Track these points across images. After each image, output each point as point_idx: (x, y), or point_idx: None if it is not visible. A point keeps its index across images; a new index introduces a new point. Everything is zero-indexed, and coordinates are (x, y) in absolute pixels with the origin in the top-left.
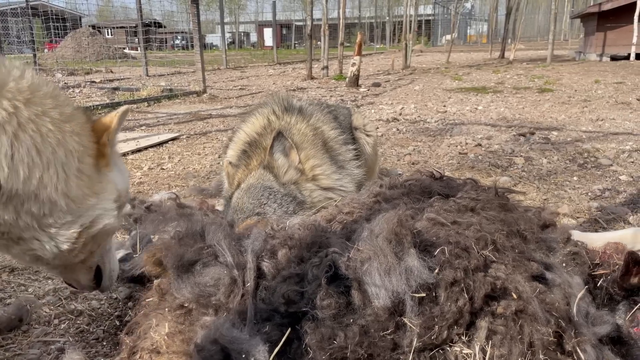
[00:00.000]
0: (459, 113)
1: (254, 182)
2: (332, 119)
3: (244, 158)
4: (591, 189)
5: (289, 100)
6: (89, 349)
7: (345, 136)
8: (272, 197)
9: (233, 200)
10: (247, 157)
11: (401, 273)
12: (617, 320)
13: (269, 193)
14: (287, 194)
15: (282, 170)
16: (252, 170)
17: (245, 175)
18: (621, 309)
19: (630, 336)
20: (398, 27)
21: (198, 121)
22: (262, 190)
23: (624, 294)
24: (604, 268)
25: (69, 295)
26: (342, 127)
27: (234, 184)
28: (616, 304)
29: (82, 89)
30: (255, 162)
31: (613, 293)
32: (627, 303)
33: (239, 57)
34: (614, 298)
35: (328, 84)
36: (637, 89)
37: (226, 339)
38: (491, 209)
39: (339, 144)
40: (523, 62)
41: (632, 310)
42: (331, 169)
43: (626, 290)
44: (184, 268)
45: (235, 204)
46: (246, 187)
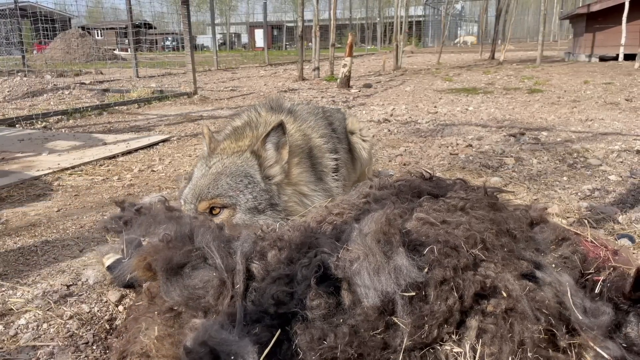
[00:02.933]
0: (449, 114)
1: (238, 162)
2: (325, 124)
3: (233, 135)
4: (581, 189)
5: (279, 102)
6: (78, 353)
7: (330, 145)
8: (250, 186)
9: (211, 166)
10: (239, 134)
11: (390, 272)
12: (630, 332)
13: (249, 182)
14: (265, 190)
15: (268, 162)
16: (240, 147)
17: (230, 149)
18: (632, 320)
19: None
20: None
21: (189, 123)
22: (243, 176)
23: (630, 304)
24: (602, 273)
25: (59, 299)
26: (336, 132)
27: (215, 150)
28: (624, 314)
29: (72, 90)
30: (246, 142)
31: (618, 302)
32: (636, 314)
33: (230, 58)
34: (620, 307)
35: (319, 85)
36: (625, 90)
37: (215, 340)
38: (480, 208)
39: (322, 152)
40: (513, 63)
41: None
42: (310, 178)
43: (632, 300)
44: (172, 271)
45: (212, 174)
46: (228, 162)
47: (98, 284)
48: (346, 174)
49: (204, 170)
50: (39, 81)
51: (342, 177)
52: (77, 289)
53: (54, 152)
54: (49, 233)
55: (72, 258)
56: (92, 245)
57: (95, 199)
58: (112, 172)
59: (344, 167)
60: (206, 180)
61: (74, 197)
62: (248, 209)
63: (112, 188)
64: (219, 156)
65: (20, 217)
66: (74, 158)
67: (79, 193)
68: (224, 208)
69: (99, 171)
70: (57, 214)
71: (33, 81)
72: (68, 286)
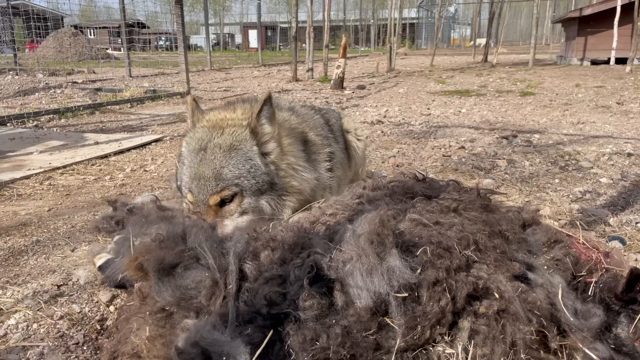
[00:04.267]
0: (442, 116)
1: (236, 143)
2: (322, 123)
3: (220, 108)
4: (572, 191)
5: (276, 100)
6: (69, 353)
7: (326, 142)
8: (252, 170)
9: (206, 149)
10: (230, 105)
11: (383, 273)
12: (620, 333)
13: (250, 166)
14: (265, 172)
15: (265, 138)
16: (232, 120)
17: (218, 120)
18: (623, 321)
19: (635, 349)
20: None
21: (182, 122)
22: (245, 160)
23: (621, 304)
24: (594, 275)
25: (49, 299)
26: (332, 131)
27: (200, 121)
28: (616, 314)
29: (64, 89)
30: (238, 114)
31: (610, 303)
32: (627, 314)
33: (224, 58)
34: (612, 308)
35: (313, 86)
36: (616, 93)
37: (207, 341)
38: (473, 209)
39: (318, 147)
40: (506, 66)
41: (634, 322)
42: (300, 153)
43: (624, 301)
44: (165, 271)
45: (214, 162)
46: (226, 145)
47: (89, 284)
48: (341, 174)
49: (201, 156)
50: (30, 80)
51: (337, 178)
52: (67, 289)
53: (46, 151)
54: (40, 232)
55: (63, 258)
56: (83, 245)
57: (87, 198)
58: (104, 171)
59: (340, 168)
60: (209, 169)
61: (65, 197)
62: (252, 193)
63: (104, 188)
64: (209, 133)
65: (11, 216)
66: (65, 157)
67: (71, 192)
68: (234, 196)
69: (90, 171)
70: (48, 213)
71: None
72: (59, 286)
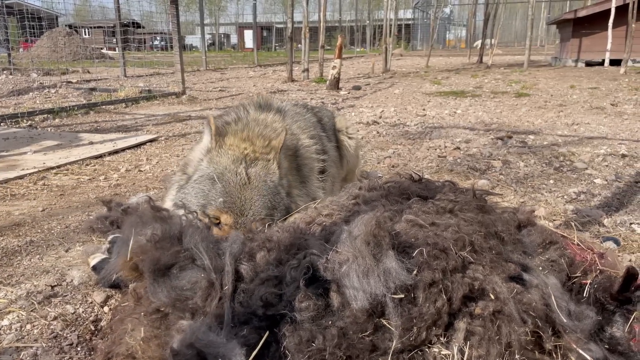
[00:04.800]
0: (438, 117)
1: (270, 176)
2: (314, 123)
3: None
4: (567, 192)
5: (267, 101)
6: (62, 354)
7: (318, 146)
8: (280, 203)
9: (250, 176)
10: (240, 130)
11: (379, 275)
12: (615, 333)
13: (280, 198)
14: (287, 206)
15: (284, 172)
16: (253, 152)
17: (240, 149)
18: (619, 320)
19: (631, 349)
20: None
21: (177, 123)
22: (277, 193)
23: (616, 304)
24: (589, 276)
25: (43, 299)
26: (325, 131)
27: (222, 145)
28: (611, 314)
29: (58, 89)
30: (258, 145)
31: (604, 302)
32: (622, 314)
33: (219, 58)
34: (607, 308)
35: (309, 86)
36: (611, 94)
37: (202, 342)
38: (469, 210)
39: (310, 154)
40: (501, 67)
41: (629, 322)
42: (295, 182)
43: (619, 300)
44: (160, 272)
45: (257, 189)
46: (263, 175)
47: (83, 285)
48: (335, 172)
49: (243, 181)
50: (24, 79)
51: (331, 177)
52: (61, 289)
53: (40, 151)
54: (34, 233)
55: (57, 258)
56: (77, 246)
57: (81, 198)
58: (98, 171)
59: (333, 167)
60: (256, 195)
61: (59, 197)
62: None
63: (99, 188)
64: (243, 158)
65: (5, 216)
66: (59, 157)
67: (65, 192)
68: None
69: (85, 171)
70: (42, 213)
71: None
72: (52, 287)
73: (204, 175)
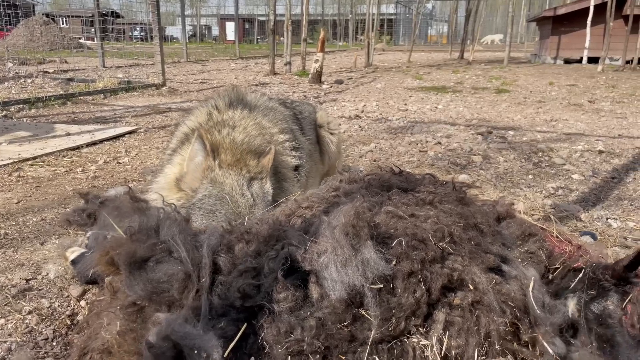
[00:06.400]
0: (419, 112)
1: (265, 195)
2: (289, 116)
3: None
4: (545, 187)
5: (238, 95)
6: (37, 349)
7: (293, 143)
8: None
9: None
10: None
11: (358, 265)
12: (609, 305)
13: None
14: None
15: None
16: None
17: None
18: (614, 295)
19: (620, 323)
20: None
21: (157, 114)
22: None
23: (614, 282)
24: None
25: (17, 293)
26: (300, 124)
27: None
28: (607, 290)
29: (35, 79)
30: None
31: (602, 279)
32: (618, 291)
33: (200, 50)
34: (603, 285)
35: (291, 79)
36: (588, 92)
37: (178, 335)
38: (449, 202)
39: (284, 149)
40: (481, 63)
41: (625, 302)
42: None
43: (618, 279)
44: (136, 265)
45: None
46: (262, 194)
47: (59, 278)
48: (312, 167)
49: (249, 200)
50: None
51: (305, 172)
52: (36, 283)
53: (15, 142)
54: (8, 225)
55: (32, 251)
56: (53, 239)
57: (58, 190)
58: (75, 163)
59: (309, 161)
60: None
61: (35, 189)
62: None
63: (76, 180)
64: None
65: None
66: (35, 148)
67: (41, 184)
68: None
69: (61, 162)
70: (16, 205)
71: None
72: (27, 280)
73: (210, 196)
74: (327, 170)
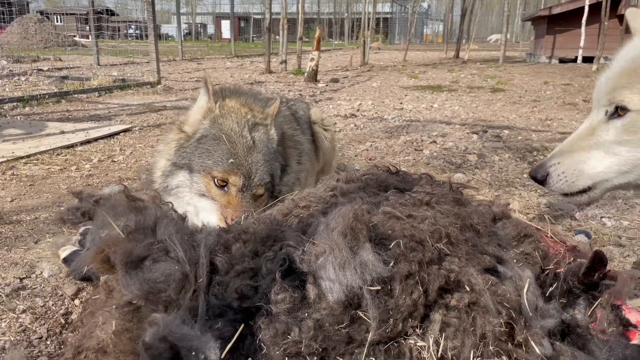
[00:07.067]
0: (415, 110)
1: (270, 142)
2: (287, 116)
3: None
4: (540, 186)
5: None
6: (31, 348)
7: (298, 134)
8: (278, 171)
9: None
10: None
11: (356, 267)
12: (576, 315)
13: (276, 167)
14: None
15: (278, 141)
16: (254, 116)
17: (242, 113)
18: (582, 303)
19: (589, 331)
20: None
21: (152, 113)
22: (276, 160)
23: (582, 288)
24: (562, 264)
25: (11, 292)
26: (299, 123)
27: (222, 107)
28: (576, 297)
29: (29, 77)
30: (256, 110)
31: (572, 286)
32: (586, 298)
33: (196, 48)
34: (573, 291)
35: (286, 78)
36: (583, 91)
37: (175, 336)
38: (446, 203)
39: (291, 138)
40: (477, 62)
41: (592, 307)
42: (286, 154)
43: (585, 285)
44: (132, 264)
45: (262, 154)
46: (266, 140)
47: (53, 277)
48: (309, 166)
49: (249, 144)
50: None
51: (305, 170)
52: (31, 282)
53: (8, 140)
54: (1, 224)
55: (26, 250)
56: (47, 237)
57: (52, 189)
58: (70, 161)
59: (307, 161)
60: (262, 160)
61: (29, 187)
62: (271, 191)
63: (70, 178)
64: (244, 122)
65: None
66: (29, 146)
67: (35, 183)
68: (267, 191)
69: (56, 161)
70: (10, 204)
71: None
72: (21, 279)
73: (208, 136)
74: (322, 167)
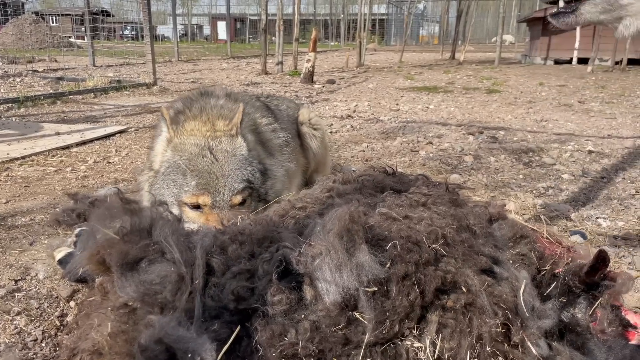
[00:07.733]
0: (411, 111)
1: (237, 150)
2: (263, 108)
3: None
4: (536, 187)
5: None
6: (26, 350)
7: (276, 125)
8: (255, 174)
9: (215, 154)
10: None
11: (352, 269)
12: (577, 314)
13: (252, 170)
14: (263, 172)
15: (251, 145)
16: (220, 131)
17: (208, 131)
18: (582, 302)
19: (589, 330)
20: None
21: (147, 114)
22: (249, 164)
23: (583, 288)
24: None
25: (6, 294)
26: (276, 117)
27: (182, 130)
28: (576, 297)
29: (24, 77)
30: (222, 126)
31: (572, 285)
32: (587, 297)
33: (192, 49)
34: (573, 291)
35: (282, 79)
36: (578, 92)
37: (171, 338)
38: (442, 204)
39: (270, 131)
40: (472, 64)
41: (593, 307)
42: (263, 153)
43: (587, 284)
44: (128, 266)
45: (228, 164)
46: (229, 150)
47: (48, 279)
48: (294, 159)
49: (210, 159)
50: None
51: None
52: (25, 284)
53: (3, 142)
54: None
55: (21, 252)
56: (42, 239)
57: (47, 190)
58: (65, 163)
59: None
60: (228, 170)
61: (24, 189)
62: (257, 195)
63: (65, 180)
64: (205, 140)
65: None
66: (24, 148)
67: (30, 184)
68: (249, 196)
69: (51, 162)
70: (5, 205)
71: None
72: (16, 281)
73: (171, 166)
74: (317, 168)
